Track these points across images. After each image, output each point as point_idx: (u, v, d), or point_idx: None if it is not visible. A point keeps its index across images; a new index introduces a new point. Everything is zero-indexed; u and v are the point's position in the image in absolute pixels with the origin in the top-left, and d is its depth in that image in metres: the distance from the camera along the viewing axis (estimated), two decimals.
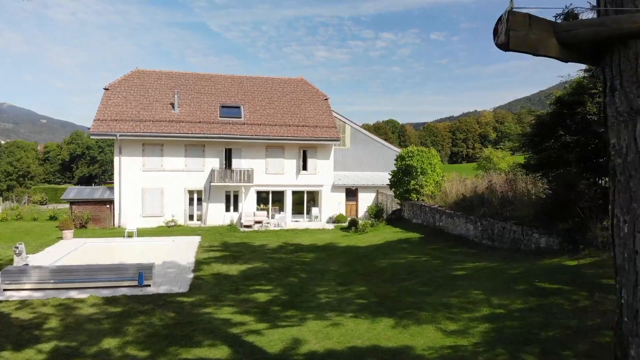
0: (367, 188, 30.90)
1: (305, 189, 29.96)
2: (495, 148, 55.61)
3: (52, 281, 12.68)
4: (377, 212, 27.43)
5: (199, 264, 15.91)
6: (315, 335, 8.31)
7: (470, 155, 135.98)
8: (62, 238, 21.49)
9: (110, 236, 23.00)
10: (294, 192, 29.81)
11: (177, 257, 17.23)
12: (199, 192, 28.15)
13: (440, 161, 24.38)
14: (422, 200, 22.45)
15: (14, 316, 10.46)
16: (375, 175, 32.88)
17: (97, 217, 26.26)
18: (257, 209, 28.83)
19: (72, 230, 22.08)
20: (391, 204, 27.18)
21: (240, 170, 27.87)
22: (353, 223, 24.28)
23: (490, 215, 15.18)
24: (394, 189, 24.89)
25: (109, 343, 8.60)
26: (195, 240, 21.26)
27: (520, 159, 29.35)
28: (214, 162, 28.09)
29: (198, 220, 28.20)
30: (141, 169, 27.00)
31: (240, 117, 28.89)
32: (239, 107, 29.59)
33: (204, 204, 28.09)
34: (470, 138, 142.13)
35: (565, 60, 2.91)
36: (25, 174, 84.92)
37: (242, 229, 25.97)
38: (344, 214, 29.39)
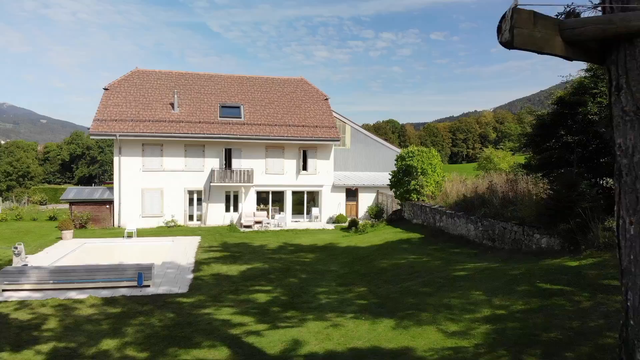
0: (368, 188, 30.85)
1: (305, 189, 29.91)
2: (496, 148, 55.57)
3: (51, 282, 12.65)
4: (377, 213, 27.38)
5: (198, 265, 15.87)
6: (316, 337, 8.26)
7: (471, 156, 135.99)
8: (61, 238, 21.45)
9: (110, 236, 22.96)
10: (294, 193, 29.76)
11: (176, 257, 17.19)
12: (199, 193, 28.10)
13: (441, 161, 24.32)
14: (423, 200, 22.40)
15: (13, 317, 10.42)
16: (376, 175, 32.82)
17: (96, 217, 26.22)
18: (257, 209, 28.79)
19: (72, 230, 22.04)
20: (391, 204, 27.13)
21: (240, 171, 27.82)
22: (353, 223, 24.24)
23: (491, 216, 15.12)
24: (394, 189, 24.83)
25: (108, 344, 8.57)
26: (195, 241, 21.21)
27: (521, 159, 29.33)
28: (213, 162, 28.04)
29: (198, 220, 28.16)
30: (141, 169, 26.96)
31: (240, 117, 28.84)
32: (238, 107, 29.54)
33: (204, 204, 28.05)
34: (470, 138, 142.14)
35: (570, 58, 2.86)
36: (25, 174, 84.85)
37: (242, 229, 25.93)
38: (344, 214, 29.35)
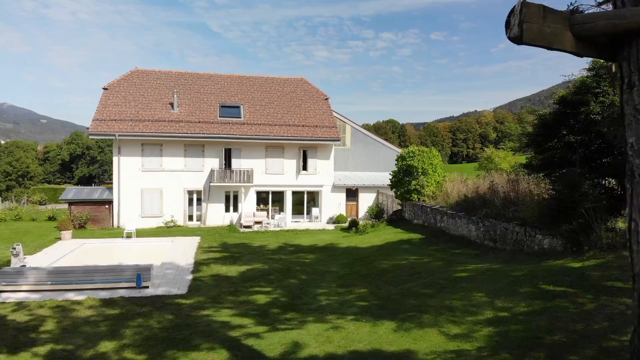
0: (368, 188, 30.74)
1: (305, 189, 29.81)
2: (497, 148, 55.47)
3: (50, 283, 12.56)
4: (377, 213, 27.27)
5: (198, 265, 15.77)
6: (316, 339, 8.15)
7: (471, 156, 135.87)
8: (60, 239, 21.35)
9: (109, 237, 22.86)
10: (294, 193, 29.66)
11: (176, 258, 17.09)
12: (199, 193, 28.00)
13: (442, 161, 24.21)
14: (423, 200, 22.29)
15: (10, 318, 10.32)
16: (376, 175, 32.71)
17: (96, 217, 26.12)
18: (257, 210, 28.68)
19: (71, 230, 21.94)
20: (392, 205, 27.02)
21: (240, 171, 27.71)
22: (353, 223, 24.13)
23: (492, 216, 15.02)
24: (394, 190, 24.73)
25: (106, 346, 8.46)
26: (194, 241, 21.11)
27: (522, 159, 29.22)
28: (213, 162, 27.93)
29: (197, 220, 28.05)
30: (140, 169, 26.85)
31: (240, 117, 28.73)
32: (238, 107, 29.43)
33: (204, 204, 27.94)
34: (471, 138, 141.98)
35: (580, 55, 2.76)
36: (24, 174, 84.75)
37: (242, 230, 25.83)
38: (345, 215, 29.24)
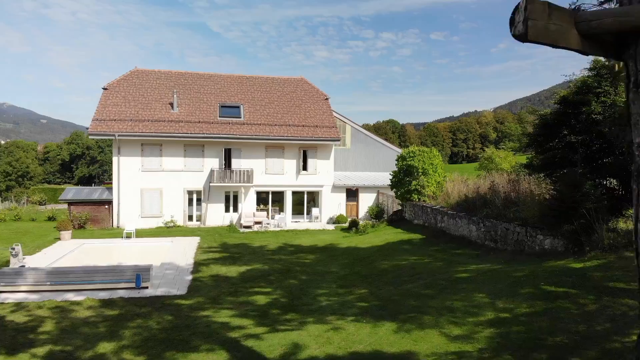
0: (368, 188, 30.69)
1: (305, 189, 29.75)
2: (497, 148, 55.44)
3: (49, 283, 12.51)
4: (377, 213, 27.21)
5: (197, 266, 15.72)
6: (316, 340, 8.10)
7: (471, 156, 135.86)
8: (60, 239, 21.30)
9: (109, 237, 22.81)
10: (294, 193, 29.60)
11: (175, 258, 17.04)
12: (198, 193, 27.94)
13: (442, 161, 24.16)
14: (424, 200, 22.24)
15: (9, 319, 10.27)
16: (376, 175, 32.66)
17: (95, 217, 26.07)
18: (257, 210, 28.63)
19: (70, 231, 21.89)
20: (392, 205, 26.97)
21: (240, 171, 27.66)
22: (354, 224, 24.07)
23: (493, 216, 14.97)
24: (395, 190, 24.67)
25: (105, 347, 8.41)
26: (194, 241, 21.06)
27: (523, 159, 29.16)
28: (213, 162, 27.88)
29: (197, 220, 28.00)
30: (140, 169, 26.80)
31: (240, 117, 28.68)
32: (238, 107, 29.38)
33: (204, 204, 27.89)
34: (471, 138, 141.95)
35: (586, 53, 2.71)
36: (24, 174, 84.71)
37: (242, 230, 25.77)
38: (345, 215, 29.19)
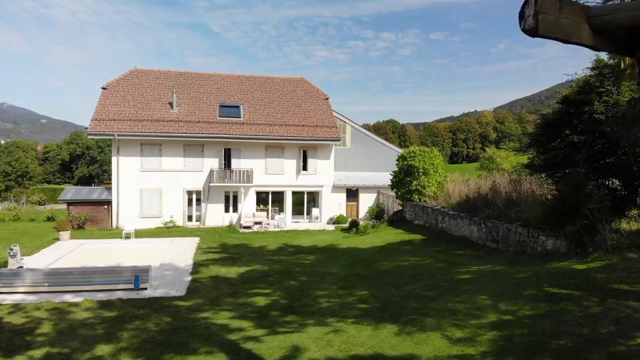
0: (368, 188, 30.59)
1: (305, 189, 29.65)
2: (498, 148, 55.37)
3: (47, 284, 12.42)
4: (378, 213, 27.11)
5: (197, 266, 15.61)
6: (316, 343, 7.99)
7: (471, 156, 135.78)
8: (58, 239, 21.19)
9: (108, 237, 22.71)
10: (294, 193, 29.50)
11: (175, 259, 16.94)
12: (198, 193, 27.84)
13: (443, 161, 24.05)
14: (425, 201, 22.13)
15: (6, 321, 10.17)
16: (376, 175, 32.56)
17: (94, 217, 25.96)
18: (257, 210, 28.52)
19: (69, 231, 21.79)
20: (392, 205, 26.86)
21: (240, 171, 27.55)
22: (354, 224, 23.96)
23: (494, 217, 14.86)
24: (395, 190, 24.56)
25: (102, 350, 8.31)
26: (193, 242, 20.96)
27: (524, 159, 29.05)
28: (213, 162, 27.78)
29: (197, 221, 27.90)
30: (139, 169, 26.69)
31: (240, 117, 28.57)
32: (238, 107, 29.27)
33: (203, 204, 27.78)
34: (471, 138, 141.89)
35: (597, 48, 2.60)
36: (23, 174, 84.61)
37: (242, 230, 25.67)
38: (345, 215, 29.09)
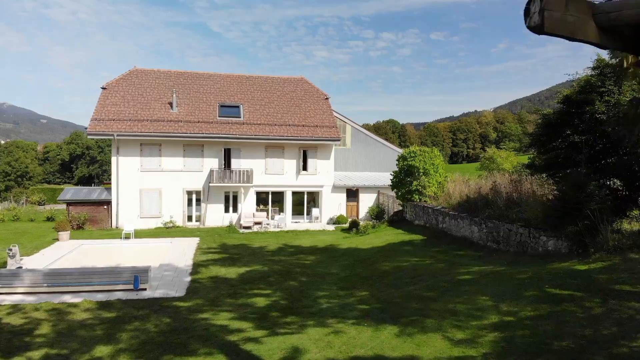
0: (368, 189, 30.53)
1: (305, 189, 29.59)
2: (498, 148, 55.35)
3: (46, 285, 12.37)
4: (378, 213, 27.06)
5: (196, 267, 15.56)
6: (316, 344, 7.94)
7: (471, 156, 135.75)
8: (58, 239, 21.14)
9: (107, 237, 22.65)
10: (294, 193, 29.45)
11: (174, 259, 16.89)
12: (198, 193, 27.78)
13: (443, 161, 23.99)
14: (425, 201, 22.08)
15: (5, 321, 10.13)
16: (377, 175, 32.51)
17: (94, 218, 25.91)
18: (257, 210, 28.46)
19: (69, 231, 21.73)
20: (393, 205, 26.81)
21: (240, 171, 27.50)
22: (354, 224, 23.91)
23: (495, 217, 14.81)
24: (395, 190, 24.51)
25: (101, 351, 8.26)
26: (193, 242, 20.91)
27: (524, 159, 28.98)
28: (212, 163, 27.72)
29: (197, 221, 27.84)
30: (139, 169, 26.64)
31: (240, 117, 28.52)
32: (238, 107, 29.21)
33: (203, 204, 27.73)
34: (471, 138, 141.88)
35: (604, 46, 2.55)
36: (23, 174, 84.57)
37: (242, 230, 25.62)
38: (345, 215, 29.03)
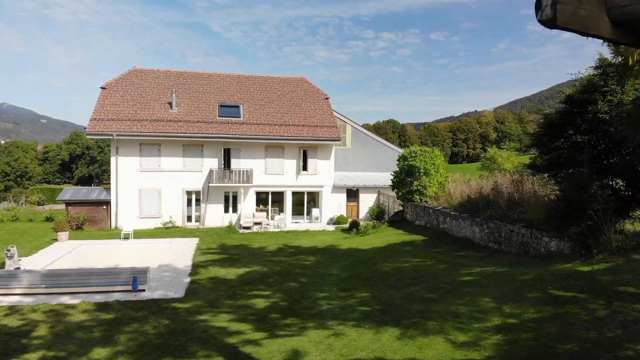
0: (369, 189, 30.43)
1: (305, 189, 29.49)
2: (499, 148, 55.24)
3: (44, 286, 12.27)
4: (378, 214, 26.95)
5: (196, 268, 15.46)
6: (316, 347, 7.84)
7: (471, 156, 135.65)
8: (57, 240, 21.04)
9: (107, 238, 22.54)
10: (294, 193, 29.34)
11: (173, 259, 16.78)
12: (197, 193, 27.68)
13: (444, 161, 23.89)
14: (426, 201, 21.97)
15: (2, 323, 10.04)
16: (377, 175, 32.40)
17: (93, 218, 25.81)
18: (257, 210, 28.36)
19: (68, 232, 21.62)
20: (393, 205, 26.70)
21: (240, 171, 27.39)
22: (354, 224, 23.80)
23: (496, 218, 14.70)
24: (396, 190, 24.40)
25: (99, 353, 8.16)
26: (193, 242, 20.81)
27: (525, 159, 28.84)
28: (212, 163, 27.62)
29: (196, 221, 27.74)
30: (138, 170, 26.53)
31: (240, 117, 28.41)
32: (238, 107, 29.11)
33: (203, 205, 27.62)
34: (471, 138, 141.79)
35: (617, 42, 2.45)
36: (23, 174, 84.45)
37: (241, 231, 25.51)
38: (345, 215, 28.92)
